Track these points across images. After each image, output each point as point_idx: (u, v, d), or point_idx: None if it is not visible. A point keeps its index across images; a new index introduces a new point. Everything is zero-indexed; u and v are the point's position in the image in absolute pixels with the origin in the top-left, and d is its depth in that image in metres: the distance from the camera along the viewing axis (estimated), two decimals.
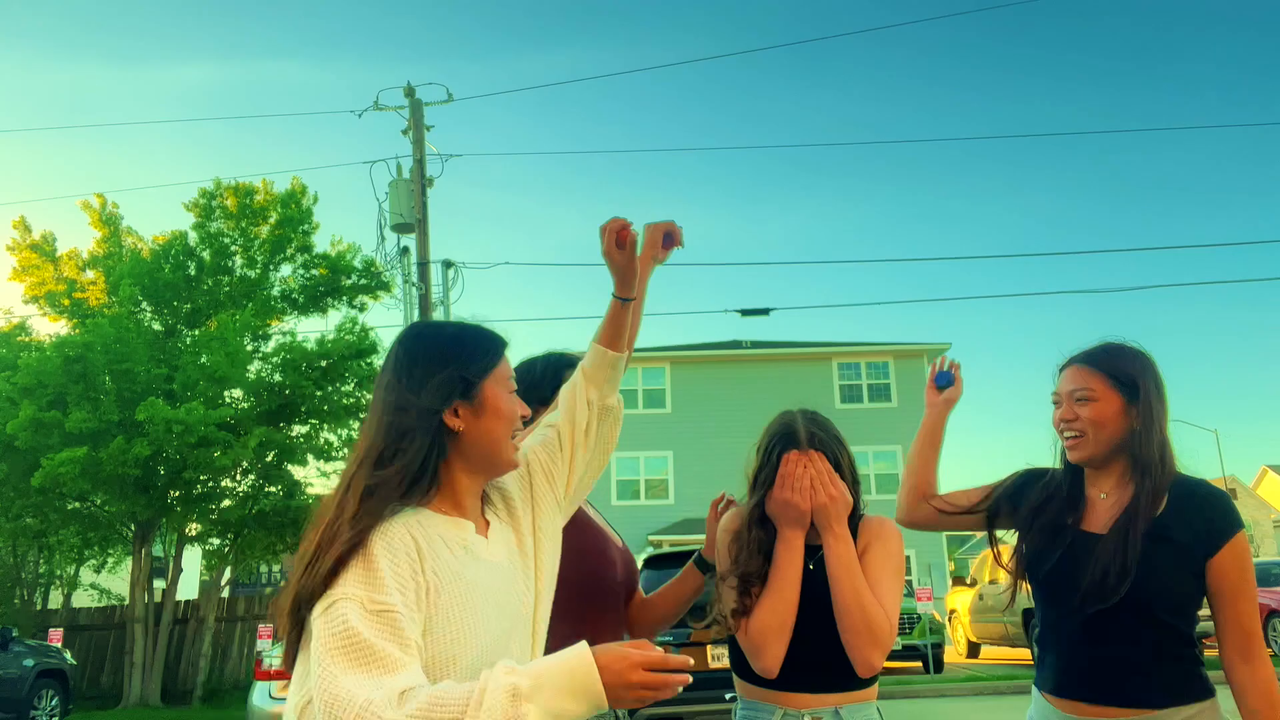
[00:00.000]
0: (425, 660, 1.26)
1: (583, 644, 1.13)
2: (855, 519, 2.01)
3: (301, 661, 1.28)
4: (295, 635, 1.29)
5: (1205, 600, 1.88)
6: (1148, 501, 1.87)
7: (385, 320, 27.12)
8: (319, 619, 1.20)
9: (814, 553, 1.97)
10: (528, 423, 1.66)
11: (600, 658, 1.11)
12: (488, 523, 1.49)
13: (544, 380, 2.18)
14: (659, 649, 1.13)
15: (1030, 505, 2.03)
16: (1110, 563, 1.83)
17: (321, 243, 16.73)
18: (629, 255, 1.65)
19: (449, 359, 1.43)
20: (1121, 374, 1.95)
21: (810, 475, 1.93)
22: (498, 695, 1.10)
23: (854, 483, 2.01)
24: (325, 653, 1.16)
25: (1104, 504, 1.96)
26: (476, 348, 1.47)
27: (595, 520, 2.18)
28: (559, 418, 1.64)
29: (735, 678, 2.05)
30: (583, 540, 2.00)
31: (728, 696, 2.08)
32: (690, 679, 1.14)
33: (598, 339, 1.66)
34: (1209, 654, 1.83)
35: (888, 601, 1.89)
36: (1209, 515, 1.85)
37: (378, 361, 15.73)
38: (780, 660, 1.90)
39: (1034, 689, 2.04)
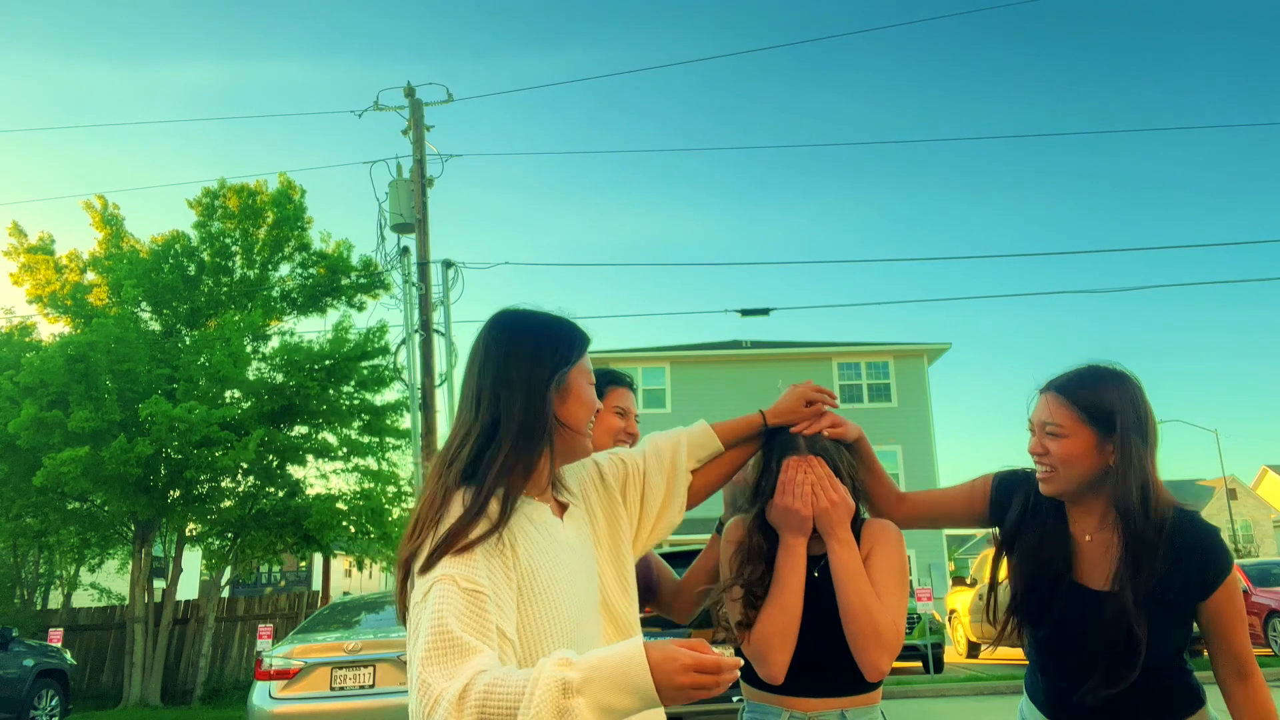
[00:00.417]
0: (519, 641, 1.37)
1: (637, 639, 1.15)
2: (857, 523, 2.00)
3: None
4: (402, 584, 1.40)
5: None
6: (1130, 563, 1.78)
7: (381, 319, 27.09)
8: (420, 602, 1.32)
9: (817, 561, 1.96)
10: None
11: (653, 655, 1.13)
12: (562, 506, 1.60)
13: None
14: (713, 651, 1.15)
15: (1024, 548, 1.95)
16: (1118, 655, 1.78)
17: (315, 239, 16.71)
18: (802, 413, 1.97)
19: (545, 345, 1.55)
20: (1094, 408, 1.84)
21: (811, 481, 1.91)
22: (549, 688, 1.13)
23: (855, 487, 2.00)
24: (420, 637, 1.27)
25: (1092, 549, 1.88)
26: (570, 338, 1.59)
27: None
28: (645, 457, 1.80)
29: (742, 681, 2.04)
30: None
31: (735, 699, 2.08)
32: (739, 675, 1.15)
33: (718, 432, 1.90)
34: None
35: (893, 606, 1.88)
36: (1202, 564, 1.80)
37: (383, 362, 15.73)
38: (785, 667, 1.90)
39: (1025, 694, 2.04)
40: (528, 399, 1.48)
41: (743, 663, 1.14)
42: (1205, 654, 1.89)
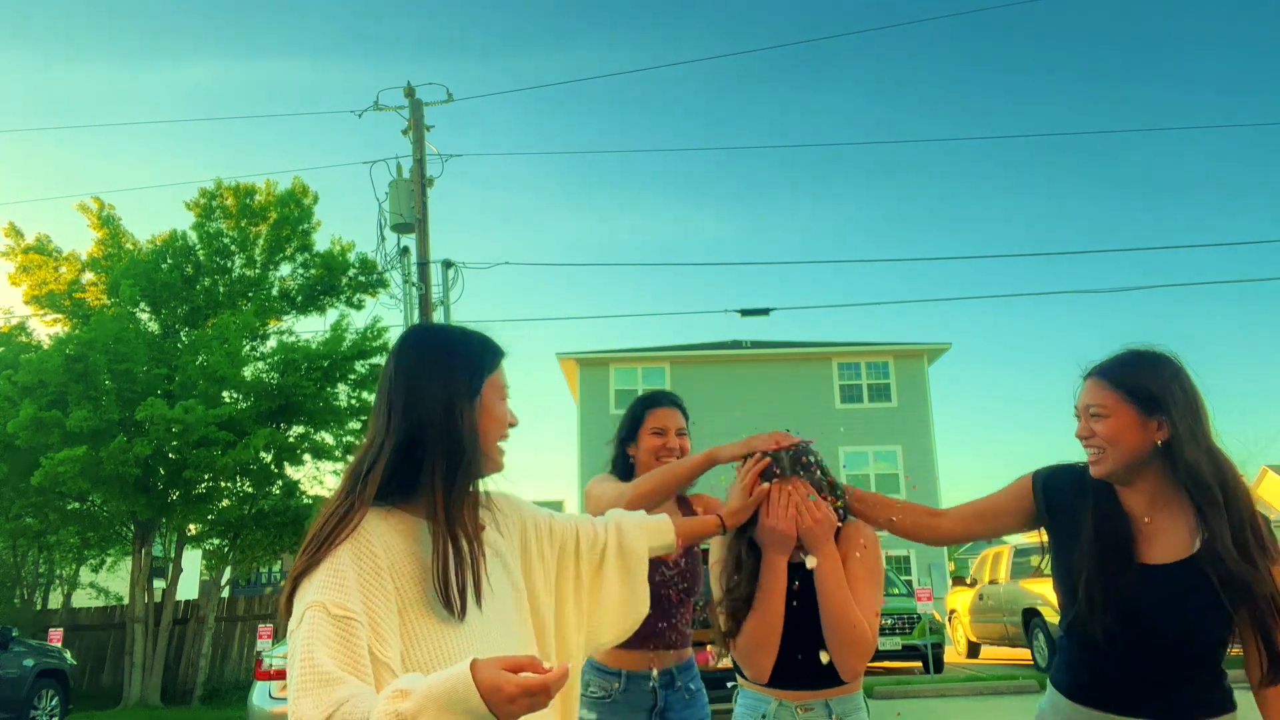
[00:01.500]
0: (416, 661, 1.37)
1: (466, 664, 1.16)
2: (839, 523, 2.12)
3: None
4: (290, 597, 1.39)
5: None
6: (1208, 528, 1.81)
7: (383, 319, 27.02)
8: (294, 631, 1.32)
9: (798, 570, 2.07)
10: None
11: (482, 681, 1.15)
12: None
13: (623, 423, 2.70)
14: (544, 670, 1.17)
15: (1087, 536, 1.94)
16: (1193, 629, 1.81)
17: (322, 242, 16.75)
18: (752, 508, 2.03)
19: (454, 358, 1.54)
20: (1137, 388, 1.90)
21: (795, 502, 2.02)
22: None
23: (836, 497, 2.11)
24: (291, 667, 1.28)
25: (1154, 530, 1.90)
26: (483, 350, 1.58)
27: None
28: (609, 533, 1.77)
29: (736, 673, 2.21)
30: None
31: (729, 685, 2.23)
32: (565, 680, 1.18)
33: (677, 529, 1.87)
34: (1234, 652, 1.87)
35: (868, 610, 2.03)
36: None
37: (382, 361, 15.71)
38: (768, 670, 2.07)
39: (1050, 687, 2.04)
40: (445, 413, 1.47)
41: (569, 667, 1.23)
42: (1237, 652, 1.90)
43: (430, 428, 1.46)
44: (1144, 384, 1.90)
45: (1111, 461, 1.91)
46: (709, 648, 6.89)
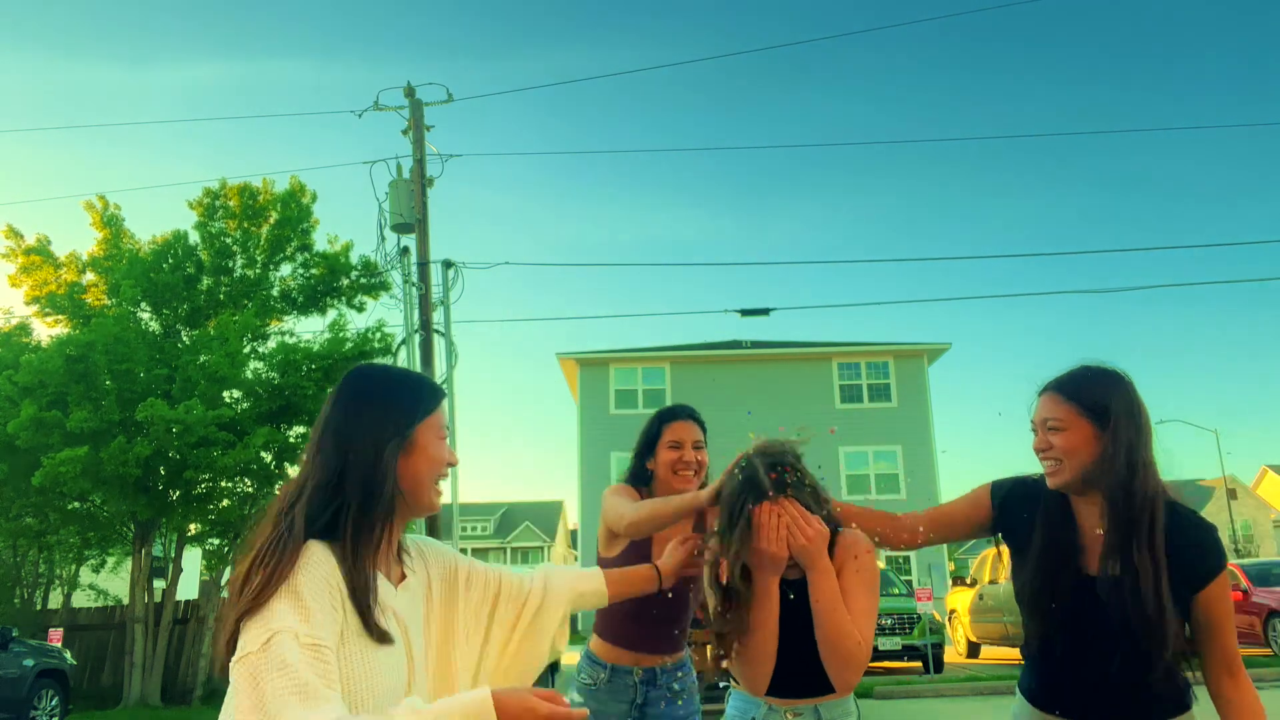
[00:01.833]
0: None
1: (486, 690, 1.19)
2: (832, 532, 2.10)
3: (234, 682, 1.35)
4: (235, 629, 1.37)
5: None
6: (1116, 536, 1.88)
7: (379, 318, 26.97)
8: (259, 653, 1.28)
9: (793, 584, 2.07)
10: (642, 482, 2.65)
11: (507, 700, 1.18)
12: (403, 575, 1.60)
13: (641, 437, 2.81)
14: (566, 704, 1.20)
15: (1035, 544, 2.03)
16: (1125, 636, 1.86)
17: (320, 241, 16.70)
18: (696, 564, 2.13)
19: (390, 400, 1.56)
20: (1091, 402, 1.98)
21: (785, 523, 1.99)
22: None
23: (823, 505, 2.08)
24: (272, 688, 1.24)
25: (1100, 539, 1.97)
26: (418, 392, 1.60)
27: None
28: (537, 591, 1.80)
29: (730, 678, 2.24)
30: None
31: (721, 685, 2.25)
32: None
33: (610, 582, 1.95)
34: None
35: (862, 624, 2.02)
36: (1198, 557, 1.91)
37: (384, 362, 15.69)
38: (766, 684, 2.08)
39: (1019, 693, 2.12)
40: (372, 455, 1.49)
41: (588, 713, 1.27)
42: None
43: (355, 468, 1.48)
44: (1098, 398, 1.98)
45: (1068, 472, 1.98)
46: (708, 648, 6.91)
